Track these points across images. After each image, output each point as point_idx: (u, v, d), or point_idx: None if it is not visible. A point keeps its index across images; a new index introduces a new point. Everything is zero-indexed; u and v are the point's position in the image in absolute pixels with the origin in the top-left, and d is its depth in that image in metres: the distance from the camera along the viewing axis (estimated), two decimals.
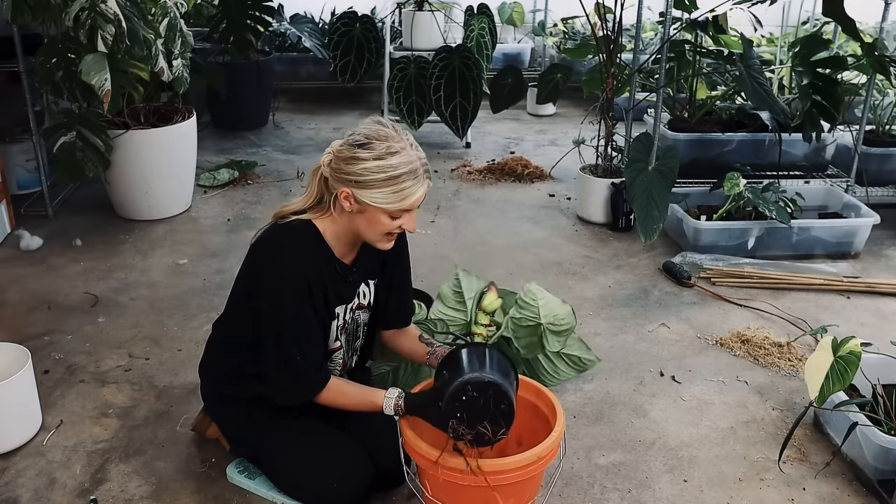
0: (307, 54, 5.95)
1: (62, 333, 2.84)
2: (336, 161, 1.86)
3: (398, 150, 1.82)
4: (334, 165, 1.86)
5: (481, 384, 1.79)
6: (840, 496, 2.15)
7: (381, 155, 1.81)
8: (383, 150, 1.81)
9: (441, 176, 4.57)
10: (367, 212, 1.86)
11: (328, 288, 1.95)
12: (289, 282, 1.87)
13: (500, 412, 1.79)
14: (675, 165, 3.47)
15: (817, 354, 2.15)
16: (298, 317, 1.89)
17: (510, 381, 1.87)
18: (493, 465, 1.78)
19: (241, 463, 2.15)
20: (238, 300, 2.07)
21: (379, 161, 1.81)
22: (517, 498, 1.88)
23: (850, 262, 3.53)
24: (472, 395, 1.78)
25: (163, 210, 3.86)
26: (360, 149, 1.82)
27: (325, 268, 1.94)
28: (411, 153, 1.83)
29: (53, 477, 2.14)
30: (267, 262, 1.91)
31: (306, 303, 1.89)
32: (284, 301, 1.87)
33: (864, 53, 3.62)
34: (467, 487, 1.79)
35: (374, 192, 1.82)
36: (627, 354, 2.79)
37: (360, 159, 1.81)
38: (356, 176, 1.82)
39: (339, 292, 2.00)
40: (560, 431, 1.88)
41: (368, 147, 1.82)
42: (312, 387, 1.95)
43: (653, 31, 6.14)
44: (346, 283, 2.01)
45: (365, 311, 2.13)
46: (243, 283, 2.03)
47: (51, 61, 3.29)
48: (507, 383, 1.83)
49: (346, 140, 1.86)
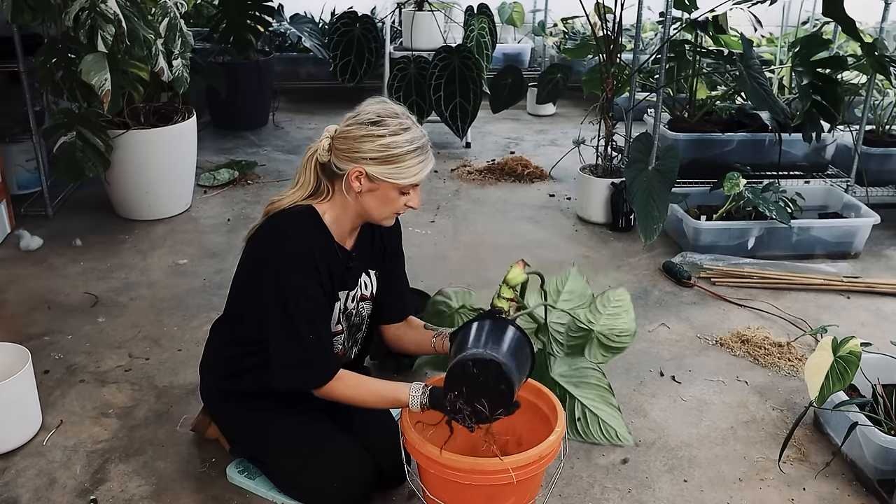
0: (307, 54, 5.95)
1: (62, 333, 2.84)
2: (343, 141, 1.87)
3: (409, 127, 1.87)
4: (340, 146, 1.87)
5: (483, 361, 1.75)
6: (840, 496, 2.15)
7: (396, 131, 1.85)
8: (396, 126, 1.85)
9: (441, 176, 4.57)
10: (380, 189, 1.88)
11: (332, 269, 1.94)
12: (294, 257, 1.87)
13: (500, 392, 1.76)
14: (675, 165, 3.47)
15: (817, 354, 2.15)
16: (307, 293, 1.88)
17: (519, 360, 1.83)
18: (494, 464, 1.78)
19: (241, 463, 2.15)
20: (237, 298, 2.07)
21: (395, 137, 1.84)
22: (517, 498, 1.88)
23: (850, 262, 3.53)
24: (472, 371, 1.75)
25: (163, 210, 3.86)
26: (373, 126, 1.84)
27: (326, 249, 1.94)
28: (418, 130, 1.89)
29: (53, 477, 2.14)
30: (271, 244, 1.91)
31: (314, 279, 1.89)
32: (292, 277, 1.86)
33: (864, 53, 3.62)
34: (468, 487, 1.79)
35: (389, 167, 1.84)
36: (627, 354, 2.78)
37: (374, 136, 1.83)
38: (371, 153, 1.83)
39: (341, 277, 2.00)
40: (561, 431, 1.87)
41: (382, 124, 1.84)
42: (326, 369, 1.91)
43: (653, 31, 6.14)
44: (347, 269, 2.01)
45: (367, 302, 2.13)
46: (242, 279, 2.03)
47: (51, 61, 3.28)
48: (511, 363, 1.78)
49: (354, 120, 1.88)
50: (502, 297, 1.99)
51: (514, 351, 1.84)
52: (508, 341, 1.84)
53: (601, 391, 2.36)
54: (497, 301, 1.99)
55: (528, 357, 1.90)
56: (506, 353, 1.80)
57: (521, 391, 2.04)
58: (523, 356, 1.87)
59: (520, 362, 1.84)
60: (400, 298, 2.21)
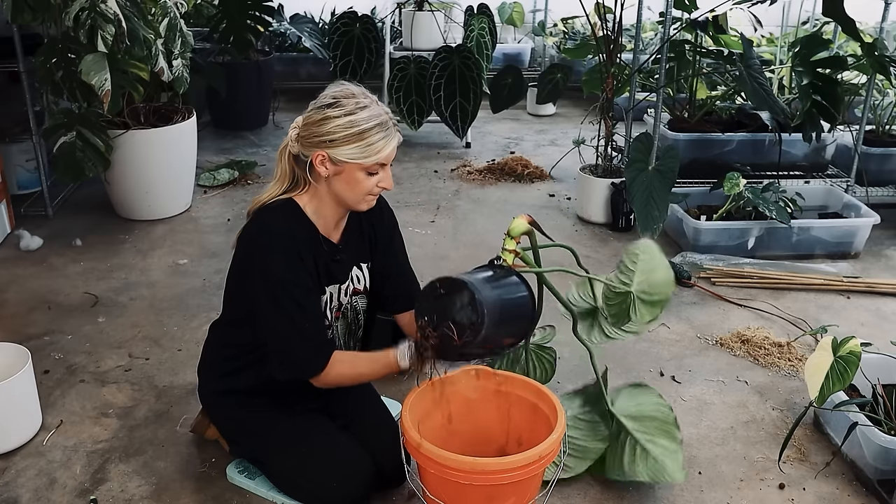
0: (307, 54, 5.95)
1: (62, 333, 2.84)
2: (305, 128, 1.88)
3: (367, 105, 1.86)
4: (303, 133, 1.88)
5: (450, 282, 1.74)
6: (840, 496, 2.15)
7: (352, 111, 1.84)
8: (353, 105, 1.85)
9: (441, 176, 4.57)
10: (345, 171, 1.88)
11: (317, 261, 1.94)
12: (278, 248, 1.88)
13: (467, 317, 1.74)
14: (675, 165, 3.47)
15: (817, 354, 2.15)
16: (295, 280, 1.88)
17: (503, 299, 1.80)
18: (494, 464, 1.78)
19: (240, 463, 2.15)
20: (231, 299, 2.07)
21: (350, 116, 1.84)
22: (517, 497, 1.88)
23: (850, 262, 3.53)
24: (439, 292, 1.74)
25: (163, 210, 3.86)
26: (329, 109, 1.85)
27: (310, 241, 1.94)
28: (378, 108, 1.88)
29: (53, 477, 2.14)
30: (254, 239, 1.92)
31: (301, 269, 1.89)
32: (277, 268, 1.87)
33: (864, 53, 3.62)
34: (468, 486, 1.79)
35: (349, 147, 1.84)
36: (627, 354, 2.79)
37: (331, 118, 1.84)
38: (329, 135, 1.84)
39: (329, 270, 2.00)
40: (561, 431, 1.87)
41: (337, 106, 1.85)
42: (323, 352, 1.92)
43: (653, 31, 6.14)
44: (335, 261, 2.01)
45: (362, 296, 2.12)
46: (234, 279, 2.04)
47: (51, 61, 3.28)
48: (485, 291, 1.75)
49: (313, 105, 1.89)
50: (506, 250, 1.96)
51: (502, 293, 1.80)
52: (502, 282, 1.82)
53: (663, 425, 2.18)
54: (501, 253, 1.97)
55: (521, 306, 1.86)
56: (482, 282, 1.77)
57: (521, 391, 2.04)
58: (513, 302, 1.83)
59: (506, 302, 1.80)
60: (403, 285, 2.18)
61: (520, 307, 1.88)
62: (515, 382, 2.07)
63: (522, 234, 1.98)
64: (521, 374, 2.15)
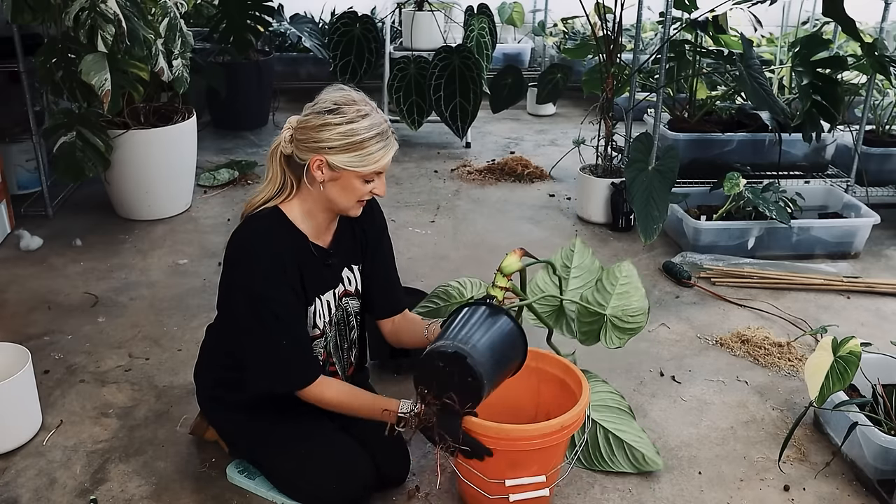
0: (307, 54, 5.95)
1: (62, 333, 2.84)
2: (303, 132, 1.85)
3: (367, 113, 1.85)
4: (300, 137, 1.86)
5: (446, 355, 1.72)
6: (840, 496, 2.15)
7: (353, 119, 1.82)
8: (354, 113, 1.83)
9: (441, 176, 4.58)
10: (342, 178, 1.86)
11: (304, 272, 1.93)
12: (262, 262, 1.86)
13: (468, 386, 1.72)
14: (675, 165, 3.47)
15: (817, 354, 2.15)
16: (277, 296, 1.87)
17: (500, 351, 1.79)
18: (518, 430, 1.82)
19: (240, 463, 2.15)
20: (222, 303, 2.05)
21: (351, 125, 1.82)
22: (540, 466, 1.91)
23: (850, 262, 3.53)
24: (437, 365, 1.72)
25: (163, 210, 3.86)
26: (330, 115, 1.82)
27: (297, 251, 1.92)
28: (378, 116, 1.86)
29: (53, 477, 2.14)
30: (237, 251, 1.90)
31: (284, 284, 1.88)
32: (260, 282, 1.85)
33: (864, 53, 3.62)
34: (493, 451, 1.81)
35: (349, 155, 1.83)
36: (627, 354, 2.78)
37: (331, 125, 1.82)
38: (328, 142, 1.82)
39: (320, 277, 1.98)
40: (585, 404, 1.91)
41: (339, 112, 1.83)
42: (304, 373, 1.91)
43: (653, 31, 6.14)
44: (326, 266, 2.00)
45: (353, 298, 2.11)
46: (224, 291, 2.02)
47: (51, 61, 3.29)
48: (483, 356, 1.74)
49: (312, 109, 1.86)
50: (496, 286, 1.94)
51: (495, 342, 1.80)
52: (493, 331, 1.80)
53: (621, 414, 2.27)
54: (491, 290, 1.94)
55: (514, 348, 1.85)
56: (482, 345, 1.76)
57: (550, 367, 2.06)
58: (507, 347, 1.83)
59: (500, 354, 1.80)
60: (389, 291, 2.17)
61: (517, 351, 1.88)
62: (545, 359, 2.13)
63: (514, 272, 1.97)
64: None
